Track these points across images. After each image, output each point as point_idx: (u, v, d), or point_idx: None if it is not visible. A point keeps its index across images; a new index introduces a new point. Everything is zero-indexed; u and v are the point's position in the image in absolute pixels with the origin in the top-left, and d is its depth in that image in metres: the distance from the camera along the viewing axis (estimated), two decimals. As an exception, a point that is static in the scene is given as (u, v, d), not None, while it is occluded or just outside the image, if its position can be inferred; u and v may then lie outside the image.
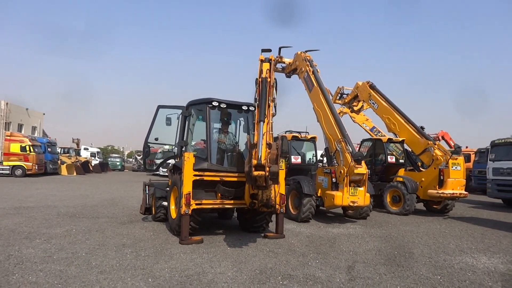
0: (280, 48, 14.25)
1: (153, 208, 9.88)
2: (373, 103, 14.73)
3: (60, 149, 40.35)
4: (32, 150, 29.00)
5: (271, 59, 9.18)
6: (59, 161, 34.38)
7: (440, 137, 36.47)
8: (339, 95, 16.64)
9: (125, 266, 5.69)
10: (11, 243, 6.92)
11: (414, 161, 13.70)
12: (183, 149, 8.50)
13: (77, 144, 49.39)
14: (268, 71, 8.63)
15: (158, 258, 6.19)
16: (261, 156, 6.56)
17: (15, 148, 28.82)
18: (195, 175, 7.57)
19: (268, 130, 7.46)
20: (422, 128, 13.41)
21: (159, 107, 8.95)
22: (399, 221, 11.05)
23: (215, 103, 8.22)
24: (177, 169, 8.22)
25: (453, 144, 36.27)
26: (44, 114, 49.02)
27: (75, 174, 34.30)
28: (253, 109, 8.28)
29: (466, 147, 29.89)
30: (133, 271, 5.45)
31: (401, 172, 13.44)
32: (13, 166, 28.47)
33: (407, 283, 5.30)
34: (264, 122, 7.46)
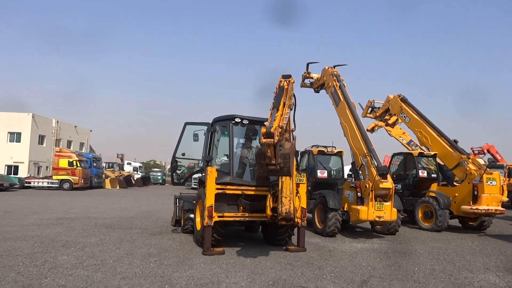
0: (308, 64, 14.57)
1: (182, 220, 10.30)
2: (404, 116, 14.51)
3: (105, 163, 42.39)
4: (78, 165, 30.75)
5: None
6: (103, 175, 36.13)
7: (486, 151, 34.86)
8: (370, 108, 16.51)
9: (147, 273, 6.06)
10: (49, 250, 7.53)
11: (447, 176, 13.29)
12: (208, 163, 8.87)
13: (121, 159, 51.61)
14: (284, 81, 8.58)
15: (179, 267, 6.51)
16: (272, 125, 6.53)
17: (63, 163, 30.71)
18: (217, 189, 7.90)
19: (282, 115, 7.26)
20: (456, 141, 13.04)
21: (186, 124, 9.42)
22: (429, 238, 10.76)
23: (237, 120, 8.56)
24: (201, 183, 8.60)
25: (499, 158, 34.54)
26: (91, 130, 51.81)
27: (118, 187, 35.82)
28: None
29: (513, 162, 28.35)
30: (153, 278, 5.80)
31: (434, 187, 13.08)
32: (62, 180, 30.28)
33: (419, 298, 5.27)
34: (278, 109, 7.39)
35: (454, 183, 12.84)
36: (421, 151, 14.49)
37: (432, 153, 13.34)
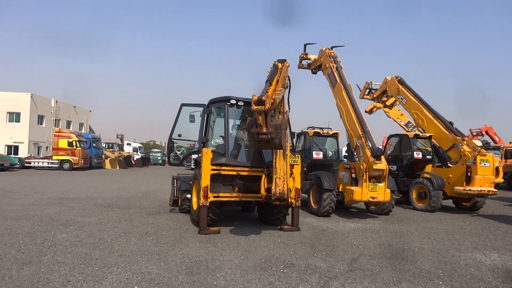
0: (305, 45, 14.51)
1: (179, 201, 10.50)
2: (401, 98, 14.57)
3: (104, 144, 42.58)
4: (78, 145, 30.93)
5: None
6: (103, 156, 36.36)
7: (484, 132, 34.94)
8: (368, 90, 16.54)
9: (143, 251, 6.25)
10: (48, 229, 7.73)
11: (442, 157, 13.43)
12: (204, 145, 8.98)
13: (121, 140, 51.77)
14: (278, 63, 8.61)
15: (175, 246, 6.71)
16: (263, 94, 6.62)
17: (63, 143, 30.88)
18: (213, 170, 8.03)
19: (275, 90, 7.34)
20: (451, 123, 13.14)
21: (182, 105, 9.47)
22: (422, 218, 10.98)
23: (233, 101, 8.63)
24: (197, 164, 8.74)
25: (497, 139, 34.60)
26: (90, 111, 51.75)
27: (118, 168, 36.10)
28: None
29: (510, 143, 28.51)
30: (149, 256, 6.00)
31: (429, 168, 13.24)
32: (62, 160, 30.53)
33: (405, 276, 5.46)
34: (271, 83, 7.48)
35: (449, 165, 12.98)
36: (417, 132, 14.60)
37: (428, 134, 13.44)
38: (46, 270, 5.10)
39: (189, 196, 9.70)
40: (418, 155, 13.40)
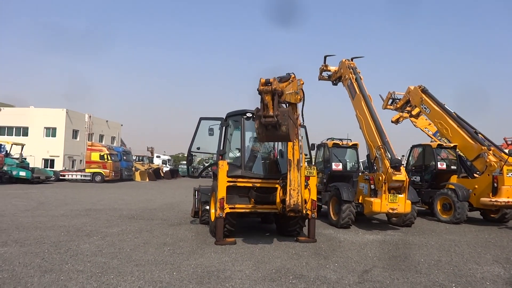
0: (325, 57, 14.64)
1: (199, 212, 10.73)
2: (425, 108, 14.34)
3: (135, 157, 43.84)
4: (109, 158, 32.02)
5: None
6: (133, 168, 37.41)
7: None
8: (391, 100, 16.37)
9: (159, 261, 6.47)
10: (73, 239, 8.11)
11: (468, 168, 13.07)
12: (222, 157, 9.20)
13: (151, 152, 53.05)
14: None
15: (190, 256, 6.90)
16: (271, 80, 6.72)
17: (95, 156, 32.08)
18: (229, 181, 8.22)
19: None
20: (476, 133, 12.80)
21: (201, 119, 9.76)
22: (445, 230, 10.71)
23: (249, 114, 8.84)
24: (215, 176, 8.95)
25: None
26: (122, 125, 53.47)
27: (147, 180, 37.02)
28: None
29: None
30: (164, 265, 6.21)
31: (454, 179, 12.89)
32: (94, 173, 31.65)
33: (416, 288, 5.40)
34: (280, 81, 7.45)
35: (475, 175, 12.61)
36: (441, 142, 14.31)
37: (452, 144, 13.13)
38: (65, 278, 5.40)
39: (208, 207, 9.91)
40: (442, 165, 13.10)
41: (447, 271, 6.36)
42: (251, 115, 8.83)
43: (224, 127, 9.48)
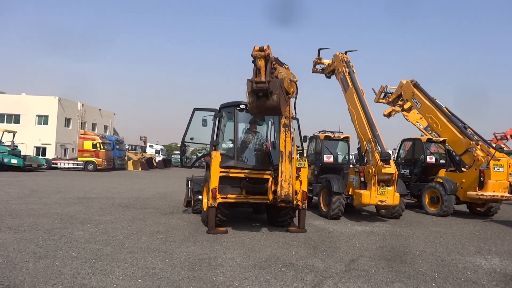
0: (319, 50, 14.73)
1: (192, 201, 10.87)
2: (416, 102, 14.55)
3: (128, 146, 43.74)
4: (102, 147, 31.95)
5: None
6: (126, 157, 37.36)
7: (509, 136, 33.97)
8: (383, 94, 16.56)
9: (152, 248, 6.62)
10: (67, 226, 8.22)
11: (456, 162, 13.34)
12: (215, 148, 9.32)
13: (144, 142, 53.04)
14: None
15: (182, 244, 7.05)
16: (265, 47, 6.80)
17: (87, 145, 31.97)
18: (221, 172, 8.36)
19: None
20: (465, 127, 13.05)
21: (195, 109, 9.84)
22: (432, 222, 10.98)
23: (242, 106, 8.94)
24: (208, 166, 9.08)
25: (521, 144, 33.58)
26: (114, 114, 53.21)
27: (140, 169, 36.99)
28: None
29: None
30: (156, 253, 6.35)
31: (442, 172, 13.17)
32: (86, 161, 31.60)
33: (400, 277, 5.61)
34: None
35: (463, 169, 12.89)
36: (431, 136, 14.55)
37: (441, 139, 13.38)
38: (60, 264, 5.53)
39: (201, 197, 10.06)
40: (431, 159, 13.36)
41: (431, 261, 6.59)
42: (244, 106, 8.93)
43: (217, 118, 9.58)
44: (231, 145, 9.44)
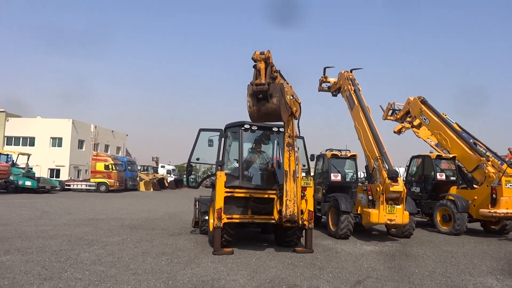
0: (325, 68, 14.84)
1: (199, 222, 10.86)
2: (424, 118, 14.45)
3: (140, 166, 44.11)
4: (114, 168, 32.31)
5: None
6: (138, 178, 37.65)
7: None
8: (391, 111, 16.50)
9: (156, 270, 6.61)
10: (74, 248, 8.28)
11: (467, 179, 13.11)
12: (220, 168, 9.35)
13: (156, 162, 53.47)
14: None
15: (187, 266, 7.02)
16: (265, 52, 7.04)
17: (100, 166, 32.39)
18: (226, 192, 8.37)
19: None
20: (475, 143, 12.88)
21: (201, 130, 9.94)
22: (444, 241, 10.74)
23: (247, 126, 9.02)
24: (213, 187, 9.10)
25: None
26: (127, 135, 53.92)
27: (151, 190, 37.22)
28: (283, 130, 8.88)
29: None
30: (160, 274, 6.34)
31: (453, 190, 12.93)
32: (98, 182, 31.92)
33: (406, 298, 5.48)
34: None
35: (474, 186, 12.65)
36: (442, 153, 14.36)
37: (451, 155, 13.20)
38: (63, 286, 5.55)
39: (207, 217, 10.04)
40: (441, 176, 13.16)
41: (440, 282, 6.43)
42: (249, 126, 9.01)
43: (222, 138, 9.65)
44: (237, 165, 9.47)
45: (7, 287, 5.42)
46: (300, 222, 8.24)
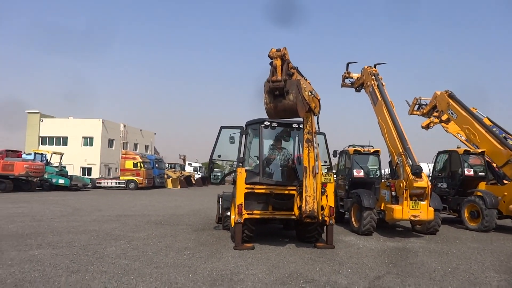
0: (348, 64, 14.69)
1: (222, 218, 11.03)
2: (452, 113, 14.09)
3: (168, 164, 44.95)
4: (142, 166, 33.10)
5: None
6: (165, 176, 38.42)
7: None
8: (417, 106, 16.18)
9: (178, 264, 6.79)
10: (101, 243, 8.61)
11: (497, 174, 12.69)
12: (241, 164, 9.48)
13: (183, 160, 54.17)
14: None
15: (207, 260, 7.18)
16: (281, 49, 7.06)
17: (129, 164, 33.26)
18: (247, 188, 8.48)
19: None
20: (506, 138, 12.45)
21: (222, 127, 10.10)
22: (471, 238, 10.46)
23: (267, 123, 9.09)
24: (235, 183, 9.23)
25: None
26: (155, 133, 55.05)
27: (179, 187, 37.90)
28: (302, 127, 8.89)
29: None
30: (181, 268, 6.52)
31: (482, 185, 12.55)
32: (127, 180, 32.81)
33: (425, 294, 5.41)
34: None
35: (504, 182, 12.23)
36: (472, 148, 13.96)
37: (480, 150, 12.81)
38: (89, 278, 5.81)
39: (229, 213, 10.20)
40: (469, 172, 12.80)
41: (462, 278, 6.30)
42: (269, 123, 9.08)
43: (243, 135, 9.77)
44: (257, 162, 9.56)
45: (37, 279, 5.72)
46: (321, 218, 8.24)
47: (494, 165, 12.82)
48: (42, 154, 30.70)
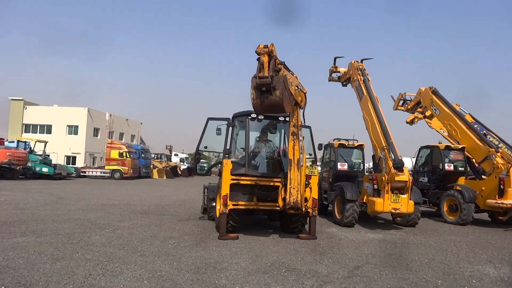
0: (335, 58, 14.85)
1: (207, 208, 11.15)
2: (435, 109, 14.41)
3: (154, 155, 44.76)
4: (128, 156, 32.91)
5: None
6: (151, 166, 38.26)
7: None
8: (402, 101, 16.46)
9: (162, 252, 6.90)
10: (86, 231, 8.64)
11: (476, 170, 13.07)
12: (227, 156, 9.58)
13: (170, 151, 54.12)
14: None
15: (192, 249, 7.30)
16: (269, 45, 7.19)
17: (114, 154, 33.02)
18: (232, 179, 8.60)
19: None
20: (485, 134, 12.81)
21: (209, 119, 10.16)
22: (448, 230, 10.81)
23: (253, 115, 9.18)
24: (220, 174, 9.34)
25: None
26: (141, 123, 54.61)
27: (165, 177, 37.80)
28: (288, 120, 9.02)
29: None
30: (166, 256, 6.62)
31: (461, 180, 12.93)
32: (113, 170, 32.60)
33: (402, 284, 5.64)
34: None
35: (483, 177, 12.62)
36: (454, 144, 14.32)
37: (460, 146, 13.16)
38: (74, 265, 5.87)
39: (214, 204, 10.32)
40: (449, 166, 13.15)
41: (437, 269, 6.56)
42: (255, 116, 9.18)
43: (230, 127, 9.85)
44: (243, 154, 9.67)
45: (22, 266, 5.76)
46: (304, 209, 8.41)
47: (474, 160, 13.18)
48: (25, 142, 30.27)
